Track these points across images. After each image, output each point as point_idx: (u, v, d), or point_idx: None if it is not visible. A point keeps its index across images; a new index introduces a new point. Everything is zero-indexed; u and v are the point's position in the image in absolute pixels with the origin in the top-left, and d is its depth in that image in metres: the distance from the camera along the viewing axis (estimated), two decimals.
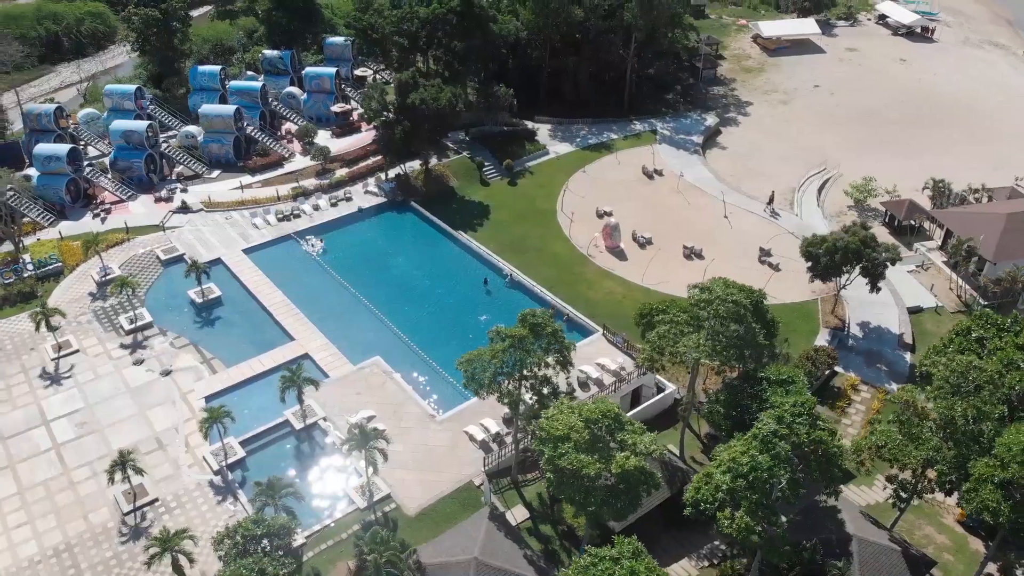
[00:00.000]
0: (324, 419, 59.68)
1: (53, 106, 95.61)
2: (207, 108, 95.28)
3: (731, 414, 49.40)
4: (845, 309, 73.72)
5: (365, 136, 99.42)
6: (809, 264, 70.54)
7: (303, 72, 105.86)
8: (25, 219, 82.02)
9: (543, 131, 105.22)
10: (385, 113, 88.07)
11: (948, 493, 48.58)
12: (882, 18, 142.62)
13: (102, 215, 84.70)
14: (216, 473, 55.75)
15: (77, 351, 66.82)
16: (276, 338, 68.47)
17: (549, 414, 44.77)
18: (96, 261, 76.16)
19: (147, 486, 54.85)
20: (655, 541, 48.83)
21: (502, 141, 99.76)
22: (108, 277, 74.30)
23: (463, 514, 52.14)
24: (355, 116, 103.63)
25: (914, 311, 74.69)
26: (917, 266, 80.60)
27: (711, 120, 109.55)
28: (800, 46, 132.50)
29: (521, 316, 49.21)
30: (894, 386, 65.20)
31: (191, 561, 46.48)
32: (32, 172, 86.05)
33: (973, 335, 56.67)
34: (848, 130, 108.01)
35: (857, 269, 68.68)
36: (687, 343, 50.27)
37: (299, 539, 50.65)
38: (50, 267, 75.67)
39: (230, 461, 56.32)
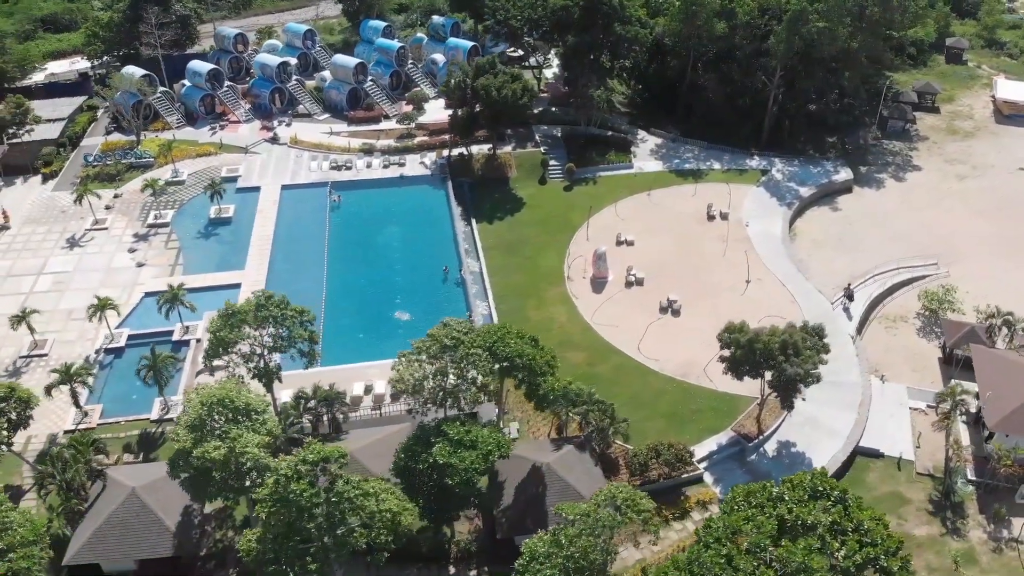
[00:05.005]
0: (198, 340, 67.36)
1: (235, 31, 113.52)
2: (337, 58, 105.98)
3: (399, 459, 46.94)
4: (776, 420, 62.47)
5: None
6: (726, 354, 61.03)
7: (447, 42, 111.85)
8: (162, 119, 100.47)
9: (648, 145, 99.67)
10: (458, 92, 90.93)
11: None
12: None
13: (217, 128, 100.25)
14: (96, 352, 66.60)
15: (105, 229, 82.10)
16: (236, 263, 77.27)
17: (202, 388, 47.27)
18: (179, 162, 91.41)
19: (49, 343, 67.52)
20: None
21: (584, 145, 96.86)
22: (175, 179, 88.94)
23: None
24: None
25: (868, 454, 60.75)
26: (928, 405, 64.48)
27: (842, 175, 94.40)
28: None
29: (256, 294, 51.53)
30: None
31: None
32: (187, 83, 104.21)
33: (773, 491, 46.35)
34: (1007, 227, 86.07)
35: (767, 377, 58.07)
36: (412, 374, 48.68)
37: (92, 423, 59.74)
38: (143, 160, 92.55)
39: (110, 346, 66.79)
